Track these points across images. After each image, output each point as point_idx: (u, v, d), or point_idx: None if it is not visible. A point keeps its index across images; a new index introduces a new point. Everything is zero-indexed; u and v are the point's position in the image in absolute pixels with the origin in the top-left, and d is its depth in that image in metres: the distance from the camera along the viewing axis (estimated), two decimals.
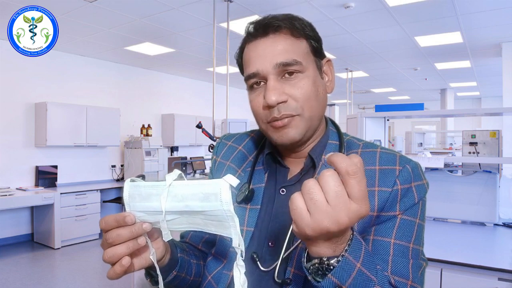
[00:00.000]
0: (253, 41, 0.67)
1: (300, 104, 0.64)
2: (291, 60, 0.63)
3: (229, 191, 0.46)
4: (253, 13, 3.80)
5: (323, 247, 0.46)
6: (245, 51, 0.69)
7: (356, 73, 6.99)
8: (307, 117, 0.65)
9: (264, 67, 0.64)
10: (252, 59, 0.66)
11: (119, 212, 0.54)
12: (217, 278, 0.71)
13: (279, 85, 0.64)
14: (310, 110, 0.66)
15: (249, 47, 0.68)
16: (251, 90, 0.69)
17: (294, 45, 0.65)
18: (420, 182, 0.65)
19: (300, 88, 0.64)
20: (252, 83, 0.67)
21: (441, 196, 2.36)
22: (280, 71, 0.64)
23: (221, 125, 4.04)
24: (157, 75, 6.78)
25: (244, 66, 0.69)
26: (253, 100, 0.68)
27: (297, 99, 0.64)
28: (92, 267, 3.99)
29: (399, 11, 3.78)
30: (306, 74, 0.65)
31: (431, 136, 8.27)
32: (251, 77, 0.66)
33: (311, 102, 0.65)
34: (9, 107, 4.69)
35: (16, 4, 3.36)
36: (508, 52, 4.95)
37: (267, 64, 0.64)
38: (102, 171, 5.84)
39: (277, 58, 0.63)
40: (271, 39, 0.65)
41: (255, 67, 0.65)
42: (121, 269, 0.53)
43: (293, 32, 0.66)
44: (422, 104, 4.32)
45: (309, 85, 0.65)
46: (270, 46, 0.65)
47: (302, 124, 0.65)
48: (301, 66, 0.64)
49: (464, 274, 1.62)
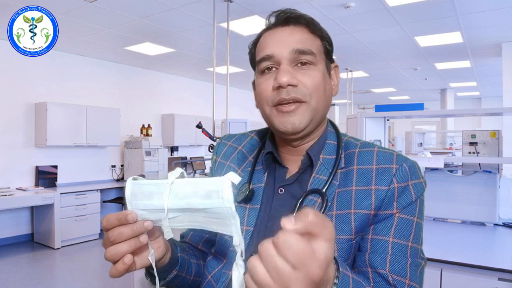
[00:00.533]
0: (272, 29, 0.70)
1: (309, 92, 0.66)
2: (307, 49, 0.66)
3: (231, 188, 0.46)
4: (253, 13, 3.80)
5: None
6: (262, 39, 0.71)
7: (356, 73, 6.99)
8: (313, 106, 0.67)
9: (280, 51, 0.66)
10: (268, 43, 0.68)
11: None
12: (217, 277, 0.72)
13: (292, 70, 0.66)
14: (317, 100, 0.67)
15: (266, 34, 0.70)
16: (261, 74, 0.69)
17: (311, 39, 0.68)
18: (417, 181, 0.66)
19: (312, 77, 0.66)
20: (264, 68, 0.68)
21: (441, 196, 2.36)
22: (294, 58, 0.66)
23: (221, 125, 4.04)
24: (157, 75, 6.78)
25: (258, 51, 0.70)
26: (262, 83, 0.69)
27: (307, 87, 0.66)
28: (92, 267, 4.00)
29: (399, 11, 3.78)
30: (318, 67, 0.67)
31: (431, 136, 8.27)
32: (265, 59, 0.67)
33: (319, 93, 0.67)
34: (9, 107, 4.69)
35: (16, 4, 3.36)
36: (508, 52, 4.95)
37: (283, 49, 0.66)
38: (102, 171, 5.84)
39: (295, 44, 0.66)
40: (290, 29, 0.68)
41: (271, 50, 0.67)
42: (123, 267, 0.53)
43: (310, 28, 0.69)
44: (422, 104, 4.33)
45: (319, 77, 0.67)
46: (288, 34, 0.67)
47: (308, 113, 0.66)
48: (315, 58, 0.67)
49: (464, 274, 1.62)
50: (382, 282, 0.60)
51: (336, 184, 0.67)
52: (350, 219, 0.63)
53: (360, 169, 0.67)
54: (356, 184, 0.66)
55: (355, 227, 0.63)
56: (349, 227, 0.63)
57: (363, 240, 0.64)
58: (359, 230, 0.63)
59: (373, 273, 0.61)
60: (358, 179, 0.66)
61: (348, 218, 0.63)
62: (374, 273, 0.61)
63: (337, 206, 0.65)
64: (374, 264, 0.62)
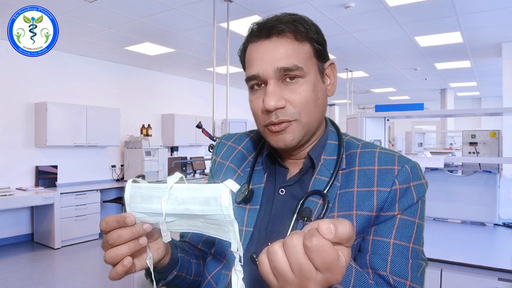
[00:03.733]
0: (256, 41, 0.67)
1: (297, 110, 0.65)
2: (292, 66, 0.63)
3: (229, 196, 0.46)
4: (253, 13, 3.80)
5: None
6: (248, 51, 0.69)
7: (356, 73, 6.99)
8: (304, 122, 0.66)
9: (265, 71, 0.64)
10: (254, 61, 0.66)
11: (119, 212, 0.54)
12: (217, 278, 0.72)
13: (279, 90, 0.64)
14: (307, 116, 0.66)
15: (251, 48, 0.68)
16: (251, 90, 0.69)
17: (296, 50, 0.65)
18: (419, 182, 0.66)
19: (299, 93, 0.64)
20: (253, 84, 0.68)
21: (441, 196, 2.36)
22: (280, 75, 0.64)
23: (221, 125, 4.04)
24: (157, 75, 6.78)
25: (246, 66, 0.70)
26: (253, 101, 0.69)
27: (295, 105, 0.64)
28: (92, 267, 3.99)
29: (399, 11, 3.78)
30: (307, 79, 0.65)
31: (431, 136, 8.28)
32: (252, 79, 0.67)
33: (309, 108, 0.66)
34: (9, 107, 4.69)
35: (16, 4, 3.36)
36: (508, 52, 4.96)
37: (268, 68, 0.64)
38: (102, 171, 5.84)
39: (278, 62, 0.63)
40: (273, 43, 0.65)
41: (256, 70, 0.65)
42: (123, 269, 0.53)
43: (296, 36, 0.65)
44: (422, 104, 4.32)
45: (308, 91, 0.65)
46: (272, 49, 0.65)
47: (299, 130, 0.66)
48: (302, 71, 0.64)
49: (464, 274, 1.62)
50: (383, 283, 0.60)
51: (337, 185, 0.67)
52: (352, 221, 0.63)
53: (361, 170, 0.67)
54: (357, 185, 0.66)
55: (357, 229, 0.63)
56: None
57: (364, 241, 0.64)
58: (360, 231, 0.63)
59: (374, 274, 0.61)
60: (360, 180, 0.66)
61: (350, 219, 0.63)
62: (375, 274, 0.61)
63: (338, 208, 0.65)
64: (375, 265, 0.62)
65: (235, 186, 0.46)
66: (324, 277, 0.38)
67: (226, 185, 0.46)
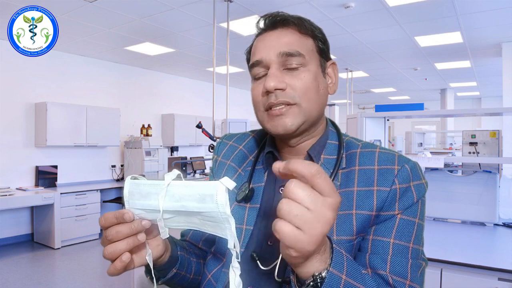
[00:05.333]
0: (262, 33, 0.70)
1: (298, 94, 0.65)
2: (294, 51, 0.65)
3: (225, 193, 0.46)
4: (253, 13, 3.80)
5: (315, 260, 0.47)
6: (254, 44, 0.72)
7: (356, 73, 6.99)
8: (304, 107, 0.66)
9: (268, 56, 0.66)
10: (258, 49, 0.69)
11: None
12: (217, 276, 0.72)
13: (280, 74, 0.65)
14: (308, 101, 0.66)
15: (257, 40, 0.71)
16: (254, 80, 0.70)
17: (299, 40, 0.67)
18: (419, 182, 0.66)
19: (301, 79, 0.66)
20: (256, 73, 0.69)
21: (441, 196, 2.36)
22: (283, 61, 0.65)
23: (221, 125, 4.04)
24: (157, 75, 6.78)
25: (251, 55, 0.71)
26: (254, 88, 0.70)
27: (296, 89, 0.65)
28: (92, 267, 3.99)
29: (399, 11, 3.78)
30: (308, 68, 0.67)
31: (431, 136, 8.28)
32: (255, 65, 0.68)
33: (310, 95, 0.66)
34: (9, 107, 4.69)
35: (16, 4, 3.36)
36: (508, 52, 4.96)
37: (271, 53, 0.66)
38: (102, 171, 5.84)
39: (282, 47, 0.65)
40: (278, 32, 0.68)
41: (259, 55, 0.67)
42: (122, 265, 0.54)
43: (300, 28, 0.68)
44: (422, 104, 4.32)
45: (309, 78, 0.66)
46: (276, 38, 0.67)
47: (299, 115, 0.66)
48: (304, 59, 0.66)
49: (464, 274, 1.62)
50: (383, 283, 0.60)
51: (337, 185, 0.67)
52: (352, 220, 0.63)
53: (361, 170, 0.67)
54: (357, 184, 0.66)
55: (357, 228, 0.63)
56: (350, 228, 0.63)
57: (364, 240, 0.64)
58: (360, 231, 0.63)
59: (373, 274, 0.61)
60: (360, 179, 0.66)
61: (350, 218, 0.63)
62: (374, 274, 0.61)
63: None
64: (375, 265, 0.61)
65: (231, 184, 0.46)
66: (332, 200, 0.43)
67: (222, 182, 0.46)
